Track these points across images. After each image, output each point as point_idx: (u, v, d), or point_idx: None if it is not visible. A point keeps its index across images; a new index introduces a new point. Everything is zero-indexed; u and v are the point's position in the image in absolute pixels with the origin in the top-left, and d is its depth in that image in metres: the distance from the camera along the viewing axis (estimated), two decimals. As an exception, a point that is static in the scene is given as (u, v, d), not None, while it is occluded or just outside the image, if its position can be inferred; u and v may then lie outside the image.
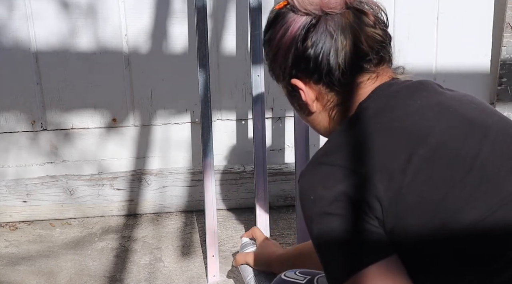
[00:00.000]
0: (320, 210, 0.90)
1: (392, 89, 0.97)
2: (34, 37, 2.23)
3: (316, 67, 0.96)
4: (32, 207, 2.39)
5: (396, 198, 0.87)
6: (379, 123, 0.93)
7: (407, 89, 0.97)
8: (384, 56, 1.00)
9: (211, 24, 2.28)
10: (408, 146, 0.89)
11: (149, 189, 2.42)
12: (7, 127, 2.33)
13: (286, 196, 2.47)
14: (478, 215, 0.87)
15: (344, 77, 0.96)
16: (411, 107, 0.94)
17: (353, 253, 0.87)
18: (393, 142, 0.90)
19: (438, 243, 0.88)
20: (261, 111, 1.93)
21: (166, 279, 2.01)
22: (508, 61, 2.37)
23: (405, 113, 0.93)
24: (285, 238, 2.24)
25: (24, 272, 2.06)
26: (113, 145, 2.41)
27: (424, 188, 0.87)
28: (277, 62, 1.02)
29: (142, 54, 2.30)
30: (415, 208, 0.87)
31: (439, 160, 0.89)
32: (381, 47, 0.98)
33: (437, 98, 0.96)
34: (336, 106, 1.01)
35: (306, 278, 1.18)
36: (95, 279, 2.01)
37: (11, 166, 2.39)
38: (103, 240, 2.26)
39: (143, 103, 2.36)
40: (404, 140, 0.90)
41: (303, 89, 1.00)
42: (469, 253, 0.88)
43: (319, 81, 0.98)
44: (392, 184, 0.87)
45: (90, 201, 2.41)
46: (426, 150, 0.89)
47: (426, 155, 0.88)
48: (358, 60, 0.96)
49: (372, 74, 0.98)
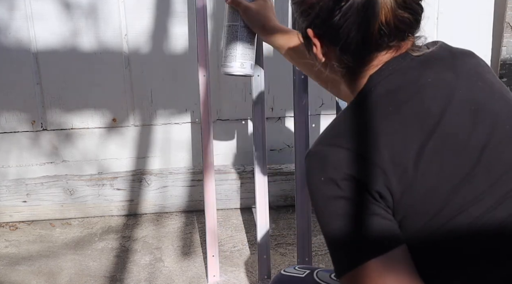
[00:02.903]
0: (329, 193, 0.89)
1: (404, 65, 0.96)
2: (34, 37, 2.23)
3: (337, 35, 0.95)
4: (32, 207, 2.39)
5: (407, 192, 0.87)
6: (391, 106, 0.92)
7: (420, 65, 0.96)
8: (404, 32, 0.97)
9: (211, 24, 2.28)
10: (419, 137, 0.89)
11: (149, 189, 2.42)
12: (7, 127, 2.33)
13: (286, 196, 2.47)
14: (485, 208, 0.88)
15: (360, 51, 0.96)
16: (422, 88, 0.93)
17: (363, 241, 0.86)
18: (405, 131, 0.89)
19: (444, 237, 0.88)
20: (261, 111, 1.93)
21: (166, 279, 2.01)
22: (508, 61, 2.37)
23: (416, 95, 0.92)
24: (285, 238, 2.25)
25: (24, 272, 2.06)
26: (113, 145, 2.41)
27: (434, 182, 0.87)
28: (299, 7, 1.00)
29: (142, 54, 2.30)
30: (424, 202, 0.87)
31: (448, 152, 0.89)
32: (408, 28, 0.96)
33: (448, 77, 0.95)
34: (345, 70, 1.00)
35: (306, 272, 1.17)
36: (95, 279, 2.01)
37: (11, 166, 2.39)
38: (103, 240, 2.26)
39: (143, 103, 2.36)
40: (415, 129, 0.89)
41: (316, 44, 0.99)
42: (473, 247, 0.88)
43: (335, 45, 0.97)
44: (404, 178, 0.87)
45: (90, 201, 2.41)
46: (436, 141, 0.89)
47: (436, 147, 0.88)
48: (379, 39, 0.95)
49: (391, 48, 0.97)
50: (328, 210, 0.90)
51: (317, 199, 0.91)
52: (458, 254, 0.89)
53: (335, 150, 0.90)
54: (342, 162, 0.89)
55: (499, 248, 0.89)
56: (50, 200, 2.39)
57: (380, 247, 0.86)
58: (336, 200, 0.88)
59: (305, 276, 1.16)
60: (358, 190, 0.87)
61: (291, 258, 2.11)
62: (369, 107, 0.94)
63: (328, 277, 1.15)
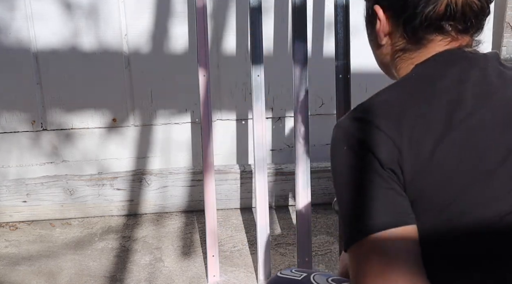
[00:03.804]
0: (345, 162, 0.90)
1: (453, 58, 0.96)
2: (35, 37, 2.23)
3: (404, 6, 0.96)
4: (32, 207, 2.39)
5: (418, 176, 0.87)
6: (427, 92, 0.92)
7: (468, 62, 0.96)
8: (472, 27, 0.98)
9: (211, 24, 2.28)
10: (445, 125, 0.89)
11: (149, 189, 2.42)
12: (7, 127, 2.33)
13: (286, 196, 2.47)
14: (497, 212, 0.87)
15: (421, 29, 0.96)
16: (463, 83, 0.93)
17: (370, 214, 0.86)
18: (432, 117, 0.89)
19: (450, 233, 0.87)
20: (261, 111, 1.93)
21: (166, 279, 2.01)
22: (508, 61, 2.37)
23: (455, 88, 0.92)
24: (285, 238, 2.25)
25: (24, 272, 2.06)
26: (113, 145, 2.41)
27: (448, 173, 0.87)
28: None
29: (142, 54, 2.30)
30: (435, 191, 0.87)
31: (472, 147, 0.88)
32: (474, 17, 0.96)
33: (492, 79, 0.95)
34: (401, 51, 1.01)
35: (302, 275, 1.17)
36: (95, 279, 2.01)
37: (12, 166, 2.39)
38: (103, 240, 2.26)
39: (143, 103, 2.36)
40: (443, 118, 0.89)
41: (381, 19, 1.00)
42: (480, 246, 0.88)
43: (398, 20, 0.98)
44: (418, 161, 0.87)
45: (90, 201, 2.41)
46: (461, 134, 0.88)
47: (459, 140, 0.88)
48: (443, 19, 0.95)
49: (448, 37, 0.97)
50: (342, 180, 0.91)
51: (334, 167, 0.92)
52: (462, 254, 0.89)
53: (360, 123, 0.91)
54: (363, 134, 0.90)
55: (503, 254, 0.88)
56: (50, 200, 2.39)
57: (388, 221, 0.85)
58: (350, 169, 0.89)
59: (302, 279, 1.16)
60: (372, 164, 0.88)
61: (291, 258, 2.11)
62: (405, 87, 0.95)
63: (325, 281, 1.14)
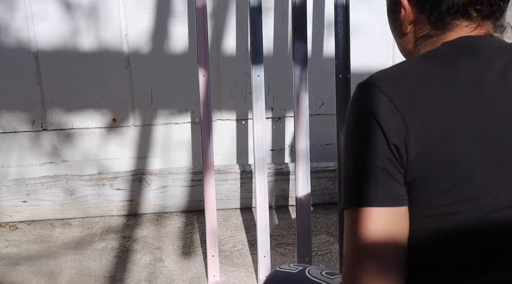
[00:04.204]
0: (355, 130, 0.92)
1: (480, 43, 0.96)
2: (35, 37, 2.23)
3: None
4: (32, 207, 2.39)
5: (423, 155, 0.87)
6: (448, 73, 0.91)
7: (493, 50, 0.96)
8: (495, 11, 0.98)
9: (211, 24, 2.28)
10: (460, 109, 0.88)
11: (149, 189, 2.42)
12: (7, 127, 2.33)
13: (286, 196, 2.47)
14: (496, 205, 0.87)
15: (447, 15, 0.96)
16: (487, 71, 0.92)
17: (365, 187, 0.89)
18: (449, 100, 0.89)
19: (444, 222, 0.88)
20: (261, 111, 1.93)
21: (166, 279, 2.01)
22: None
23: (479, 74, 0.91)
24: (285, 238, 2.25)
25: (24, 272, 2.06)
26: (113, 145, 2.41)
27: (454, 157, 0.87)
28: None
29: (142, 54, 2.31)
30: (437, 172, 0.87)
31: (486, 135, 0.88)
32: (497, 1, 0.96)
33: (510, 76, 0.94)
34: (426, 38, 1.00)
35: (298, 268, 1.20)
36: (95, 279, 2.01)
37: (12, 166, 2.39)
38: (103, 240, 2.26)
39: (143, 103, 2.36)
40: (460, 101, 0.89)
41: (406, 8, 0.99)
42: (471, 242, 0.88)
43: (423, 7, 0.97)
44: (424, 141, 0.87)
45: (90, 201, 2.41)
46: (475, 120, 0.88)
47: (473, 126, 0.88)
48: (470, 4, 0.95)
49: (473, 23, 0.97)
50: (347, 142, 0.93)
51: (346, 127, 0.94)
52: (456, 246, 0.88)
53: (374, 91, 0.91)
54: (374, 105, 0.90)
55: (497, 249, 0.88)
56: (50, 200, 2.39)
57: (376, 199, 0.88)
58: (355, 137, 0.91)
59: (297, 272, 1.19)
60: (377, 138, 0.89)
61: (291, 258, 2.11)
62: (427, 63, 0.94)
63: (319, 274, 1.16)
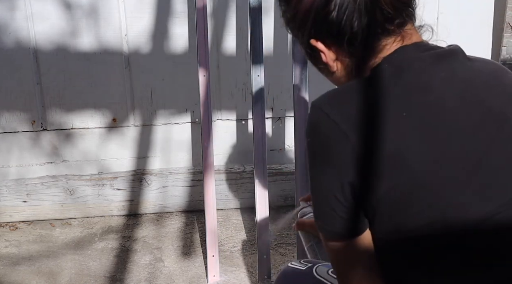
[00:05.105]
0: (311, 160, 0.93)
1: (417, 54, 0.94)
2: (34, 37, 2.23)
3: (339, 31, 0.92)
4: (33, 207, 2.39)
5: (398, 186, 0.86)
6: (398, 86, 0.90)
7: (435, 56, 0.94)
8: (408, 16, 0.96)
9: (211, 24, 2.28)
10: (421, 133, 0.87)
11: (149, 189, 2.42)
12: (7, 127, 2.33)
13: (286, 196, 2.47)
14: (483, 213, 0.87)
15: (368, 41, 0.94)
16: (434, 78, 0.91)
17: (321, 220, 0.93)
18: (406, 123, 0.87)
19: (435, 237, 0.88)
20: (261, 111, 1.93)
21: (166, 279, 2.01)
22: (508, 61, 2.37)
23: (429, 88, 0.90)
24: (285, 238, 2.25)
25: (24, 272, 2.06)
26: (113, 145, 2.41)
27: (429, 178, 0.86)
28: (295, 23, 0.99)
29: (142, 54, 2.30)
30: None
31: (449, 156, 0.87)
32: (405, 7, 0.95)
33: (463, 74, 0.93)
34: (358, 67, 0.97)
35: (307, 265, 1.21)
36: (95, 279, 2.01)
37: (12, 166, 2.39)
38: (103, 240, 2.26)
39: (143, 103, 2.36)
40: (417, 124, 0.88)
41: (324, 51, 0.96)
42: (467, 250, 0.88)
43: (341, 44, 0.94)
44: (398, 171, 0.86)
45: (90, 201, 2.41)
46: (438, 141, 0.87)
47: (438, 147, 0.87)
48: (382, 22, 0.92)
49: (397, 36, 0.95)
50: (309, 169, 0.94)
51: (308, 154, 0.95)
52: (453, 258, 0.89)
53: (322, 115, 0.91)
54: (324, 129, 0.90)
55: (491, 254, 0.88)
56: (50, 200, 2.39)
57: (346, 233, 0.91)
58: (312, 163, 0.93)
59: (306, 269, 1.20)
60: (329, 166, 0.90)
61: (291, 258, 2.11)
62: (374, 85, 0.92)
63: (326, 273, 1.17)
